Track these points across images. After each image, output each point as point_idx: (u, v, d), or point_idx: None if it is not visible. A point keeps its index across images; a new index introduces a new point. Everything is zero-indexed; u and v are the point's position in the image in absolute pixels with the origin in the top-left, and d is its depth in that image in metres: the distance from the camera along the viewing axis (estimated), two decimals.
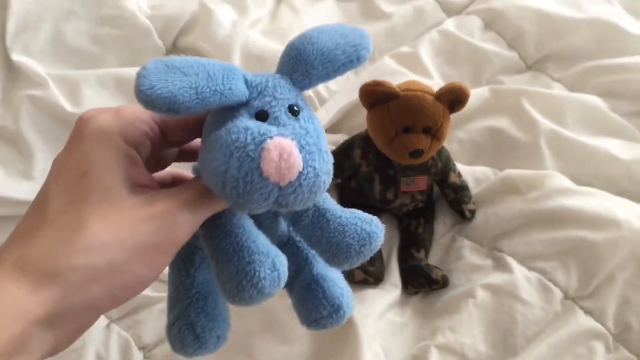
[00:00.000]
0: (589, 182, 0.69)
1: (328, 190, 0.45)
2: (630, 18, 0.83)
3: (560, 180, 0.66)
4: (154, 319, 0.61)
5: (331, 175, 0.30)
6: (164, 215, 0.28)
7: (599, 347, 0.58)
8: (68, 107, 0.63)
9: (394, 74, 0.74)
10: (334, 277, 0.38)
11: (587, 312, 0.61)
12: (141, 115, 0.30)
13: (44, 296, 0.24)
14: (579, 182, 0.68)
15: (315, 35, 0.31)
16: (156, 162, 0.34)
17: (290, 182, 0.27)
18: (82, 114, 0.29)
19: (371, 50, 0.32)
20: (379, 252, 0.66)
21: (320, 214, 0.33)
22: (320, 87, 0.74)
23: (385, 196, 0.65)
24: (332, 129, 0.72)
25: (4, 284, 0.24)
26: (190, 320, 0.34)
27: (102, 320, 0.60)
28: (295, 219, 0.35)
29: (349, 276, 0.63)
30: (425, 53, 0.78)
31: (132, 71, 0.67)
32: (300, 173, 0.27)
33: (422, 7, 0.84)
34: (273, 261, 0.30)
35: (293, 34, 0.75)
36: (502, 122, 0.73)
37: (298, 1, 0.81)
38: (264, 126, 0.28)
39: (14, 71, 0.66)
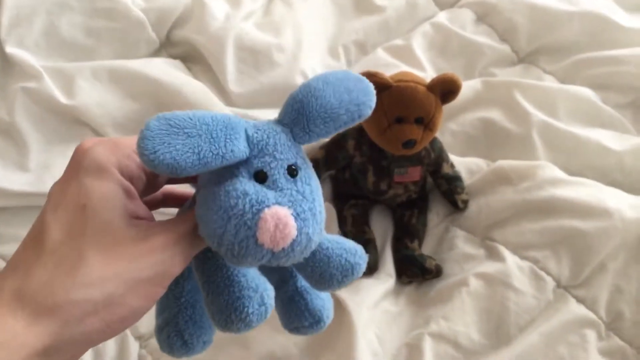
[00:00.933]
0: (581, 173, 0.69)
1: (322, 181, 0.45)
2: (621, 11, 0.84)
3: (552, 171, 0.67)
4: (150, 310, 0.61)
5: (323, 231, 0.31)
6: (161, 249, 0.28)
7: (591, 335, 0.59)
8: (62, 99, 0.63)
9: (387, 67, 0.75)
10: (317, 292, 0.39)
11: (580, 300, 0.61)
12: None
13: (43, 329, 0.25)
14: (571, 173, 0.68)
15: (320, 88, 0.31)
16: (149, 188, 0.34)
17: (283, 249, 0.28)
18: (80, 145, 0.30)
19: (373, 106, 0.32)
20: (373, 242, 0.66)
21: None
22: None
23: (379, 187, 0.65)
24: None
25: (3, 315, 0.24)
26: (179, 327, 0.35)
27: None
28: None
29: None
30: (418, 46, 0.79)
31: (126, 63, 0.67)
32: (294, 240, 0.28)
33: (414, 0, 0.85)
34: (261, 296, 0.31)
35: (286, 27, 0.77)
36: (495, 114, 0.74)
37: None
38: (262, 192, 0.28)
39: (8, 64, 0.66)
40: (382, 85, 0.57)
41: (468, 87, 0.75)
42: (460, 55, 0.80)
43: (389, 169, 0.64)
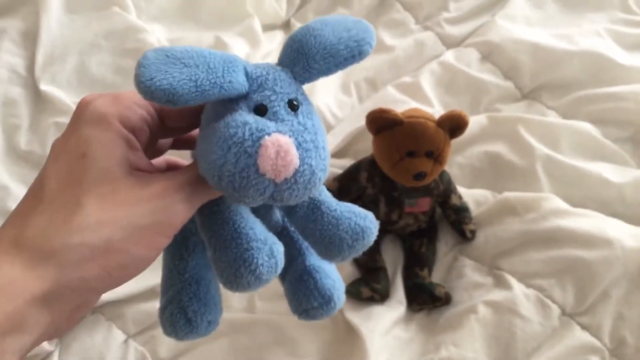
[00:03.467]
0: (583, 204, 0.72)
1: None
2: (619, 49, 0.87)
3: (556, 202, 0.70)
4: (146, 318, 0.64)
5: (327, 172, 0.30)
6: (161, 196, 0.28)
7: None
8: None
9: (397, 103, 0.79)
10: (327, 269, 0.37)
11: (584, 327, 0.63)
12: (139, 101, 0.30)
13: (40, 275, 0.25)
14: (574, 205, 0.71)
15: (318, 28, 0.31)
16: (153, 150, 0.34)
17: (286, 179, 0.27)
18: (82, 100, 0.29)
19: (374, 45, 0.31)
20: (385, 270, 0.69)
21: (315, 206, 0.33)
22: (327, 114, 0.79)
23: (390, 217, 0.68)
24: (338, 153, 0.76)
25: (1, 264, 0.25)
26: (183, 304, 0.34)
27: (120, 336, 0.63)
28: (290, 210, 0.35)
29: (357, 294, 0.66)
30: (426, 83, 0.82)
31: None
32: (297, 170, 0.27)
33: (422, 40, 0.89)
34: (270, 248, 0.30)
35: None
36: (500, 148, 0.77)
37: None
38: (262, 122, 0.28)
39: (41, 100, 0.70)
40: (394, 122, 0.61)
41: (474, 122, 0.78)
42: (467, 92, 0.83)
43: (399, 200, 0.67)
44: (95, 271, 0.26)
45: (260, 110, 0.28)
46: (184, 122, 0.32)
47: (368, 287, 0.66)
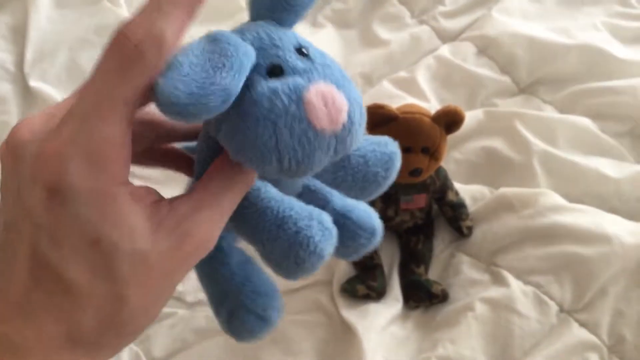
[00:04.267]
0: (581, 200, 0.71)
1: None
2: (617, 43, 0.87)
3: (553, 198, 0.69)
4: (164, 333, 0.63)
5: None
6: (202, 247, 0.25)
7: (594, 358, 0.60)
8: None
9: (393, 98, 0.78)
10: (354, 204, 0.34)
11: (582, 324, 0.62)
12: (121, 139, 0.23)
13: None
14: (571, 200, 0.70)
15: None
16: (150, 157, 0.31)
17: (344, 125, 0.25)
18: (42, 161, 0.22)
19: None
20: (381, 267, 0.68)
21: None
22: None
23: (386, 213, 0.68)
24: None
25: (60, 357, 0.24)
26: (249, 307, 0.32)
27: None
28: None
29: (353, 292, 0.65)
30: (422, 77, 0.82)
31: None
32: (349, 110, 0.25)
33: (418, 34, 0.88)
34: (319, 221, 0.27)
35: None
36: (497, 143, 0.76)
37: (298, 29, 0.84)
38: (290, 80, 0.24)
39: (31, 97, 0.69)
40: (389, 117, 0.60)
41: (471, 117, 0.77)
42: (463, 87, 0.83)
43: (396, 197, 0.67)
44: (132, 339, 0.26)
45: (276, 70, 0.25)
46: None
47: (364, 284, 0.65)
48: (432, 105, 0.79)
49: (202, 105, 0.22)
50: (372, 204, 0.61)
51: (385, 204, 0.67)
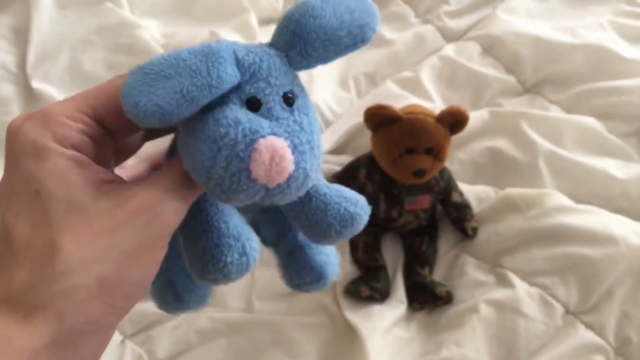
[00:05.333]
0: (587, 200, 0.70)
1: None
2: (623, 43, 0.86)
3: (559, 199, 0.69)
4: (167, 335, 0.63)
5: (319, 168, 0.28)
6: (144, 211, 0.25)
7: None
8: None
9: (396, 98, 0.77)
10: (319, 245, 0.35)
11: (588, 326, 0.62)
12: (71, 113, 0.26)
13: (38, 328, 0.23)
14: (577, 201, 0.70)
15: (319, 7, 0.27)
16: (117, 152, 0.30)
17: (278, 185, 0.25)
18: (9, 127, 0.26)
19: (377, 30, 0.28)
20: (385, 269, 0.68)
21: None
22: (325, 110, 0.77)
23: (390, 215, 0.67)
24: (337, 150, 0.75)
25: None
26: (172, 280, 0.33)
27: (117, 336, 0.62)
28: None
29: (357, 293, 0.64)
30: (426, 77, 0.81)
31: None
32: (290, 176, 0.25)
33: (422, 33, 0.88)
34: (243, 245, 0.28)
35: None
36: (502, 143, 0.75)
37: None
38: (256, 121, 0.25)
39: (34, 97, 0.69)
40: (392, 118, 0.59)
41: (475, 117, 0.77)
42: (468, 87, 0.82)
43: (399, 198, 0.66)
44: (99, 308, 0.24)
45: (253, 104, 0.26)
46: (127, 122, 0.26)
47: (368, 286, 0.65)
48: (436, 105, 0.78)
49: (142, 118, 0.23)
50: (376, 204, 0.61)
51: (389, 205, 0.66)
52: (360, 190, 0.68)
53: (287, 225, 0.35)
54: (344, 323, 0.64)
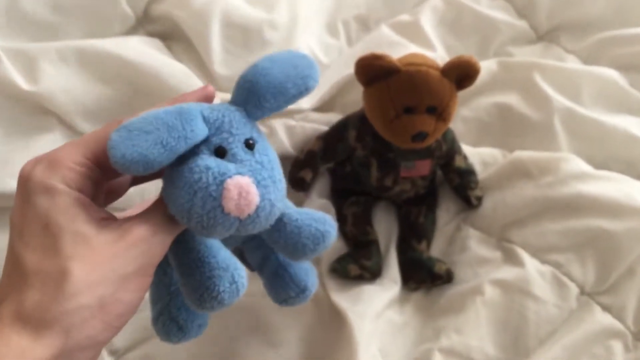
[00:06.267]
0: (606, 164, 0.63)
1: (320, 175, 0.52)
2: None
3: (577, 164, 0.61)
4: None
5: (284, 198, 0.34)
6: (139, 242, 0.30)
7: (617, 346, 0.54)
8: (24, 84, 0.55)
9: (392, 46, 0.67)
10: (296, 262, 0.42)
11: (605, 308, 0.56)
12: (77, 159, 0.30)
13: (48, 342, 0.27)
14: (595, 165, 0.62)
15: (267, 67, 0.33)
16: (108, 193, 0.35)
17: (249, 215, 0.30)
18: (20, 172, 0.30)
19: (318, 80, 0.34)
20: (376, 244, 0.60)
21: (278, 218, 0.35)
22: None
23: (383, 182, 0.58)
24: (324, 107, 0.65)
25: (8, 338, 0.27)
26: (173, 315, 0.38)
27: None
28: None
29: (344, 272, 0.57)
30: (427, 22, 0.71)
31: (97, 43, 0.58)
32: (258, 206, 0.30)
33: None
34: (232, 275, 0.33)
35: (280, 0, 0.69)
36: (512, 98, 0.67)
37: None
38: (223, 165, 0.30)
39: None
40: (389, 70, 0.50)
41: (483, 69, 0.64)
42: (474, 33, 0.72)
43: (395, 163, 0.57)
44: (98, 327, 0.28)
45: (220, 152, 0.31)
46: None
47: (357, 264, 0.57)
48: (438, 55, 0.68)
49: (129, 167, 0.28)
50: (368, 170, 0.52)
51: (383, 172, 0.58)
52: (350, 154, 0.59)
53: (269, 249, 0.41)
54: (330, 306, 0.57)
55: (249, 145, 0.32)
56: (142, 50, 0.60)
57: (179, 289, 0.36)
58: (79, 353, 0.28)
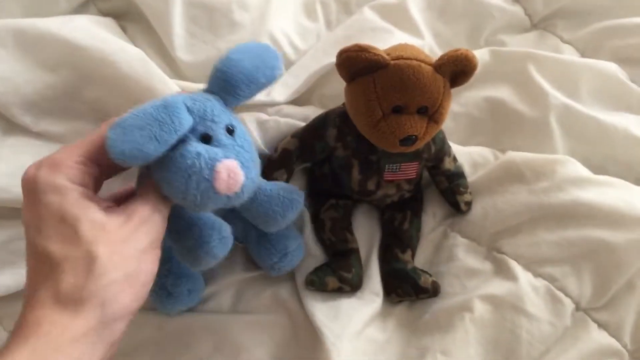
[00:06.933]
0: (603, 165, 0.59)
1: (295, 175, 0.55)
2: None
3: (574, 168, 0.56)
4: None
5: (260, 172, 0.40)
6: (146, 220, 0.35)
7: None
8: None
9: (376, 31, 0.60)
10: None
11: (601, 325, 0.52)
12: (78, 159, 0.34)
13: (86, 316, 0.31)
14: (593, 166, 0.58)
15: (239, 58, 0.38)
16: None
17: (235, 192, 0.36)
18: (25, 176, 0.34)
19: (282, 69, 0.40)
20: (357, 253, 0.54)
21: None
22: (287, 47, 0.60)
23: (365, 186, 0.53)
24: (300, 99, 0.58)
25: (52, 317, 0.30)
26: (161, 282, 0.45)
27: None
28: None
29: (322, 285, 0.52)
30: (415, 5, 0.64)
31: (38, 23, 0.50)
32: (243, 184, 0.36)
33: None
34: (219, 231, 0.39)
35: None
36: (505, 93, 0.61)
37: None
38: (212, 150, 0.35)
39: None
40: (376, 64, 0.43)
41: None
42: (465, 18, 0.66)
43: (378, 165, 0.51)
44: (129, 297, 0.33)
45: (206, 138, 0.36)
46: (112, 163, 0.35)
47: (335, 276, 0.52)
48: (426, 43, 0.62)
49: (129, 161, 0.33)
50: (348, 173, 0.53)
51: (365, 175, 0.52)
52: (329, 154, 0.53)
53: (248, 221, 0.46)
54: (305, 322, 0.52)
55: (229, 131, 0.37)
56: (92, 32, 0.52)
57: (163, 259, 0.37)
58: (113, 323, 0.32)
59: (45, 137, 0.51)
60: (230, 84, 0.37)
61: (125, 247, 0.33)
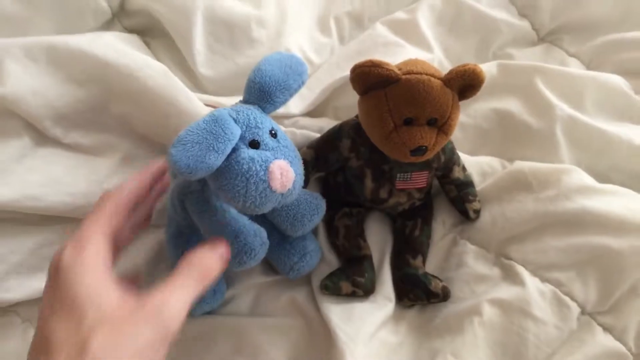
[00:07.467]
0: (607, 175, 0.60)
1: (310, 184, 0.58)
2: None
3: (580, 177, 0.57)
4: None
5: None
6: (155, 314, 0.33)
7: None
8: None
9: (388, 46, 0.63)
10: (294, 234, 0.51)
11: (606, 329, 0.53)
12: (99, 237, 0.36)
13: None
14: (597, 175, 0.59)
15: (269, 69, 0.41)
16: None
17: (288, 189, 0.39)
18: (55, 255, 0.35)
19: (308, 73, 0.44)
20: (370, 259, 0.56)
21: None
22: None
23: (377, 194, 0.55)
24: (315, 111, 0.61)
25: None
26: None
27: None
28: None
29: (336, 290, 0.53)
30: (424, 20, 0.67)
31: (69, 40, 0.53)
32: (294, 181, 0.39)
33: None
34: (261, 237, 0.42)
35: None
36: (512, 104, 0.63)
37: None
38: (263, 154, 0.38)
39: None
40: (388, 79, 0.46)
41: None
42: (473, 33, 0.68)
43: (390, 175, 0.54)
44: None
45: (254, 144, 0.39)
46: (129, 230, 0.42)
47: (349, 280, 0.54)
48: (435, 57, 0.65)
49: (194, 174, 0.35)
50: (361, 182, 0.55)
51: (377, 183, 0.54)
52: (343, 164, 0.55)
53: (270, 226, 0.49)
54: (320, 323, 0.54)
55: (273, 134, 0.40)
56: (118, 48, 0.55)
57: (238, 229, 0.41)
58: None
59: (75, 148, 0.53)
60: (266, 92, 0.40)
61: (126, 339, 0.32)
